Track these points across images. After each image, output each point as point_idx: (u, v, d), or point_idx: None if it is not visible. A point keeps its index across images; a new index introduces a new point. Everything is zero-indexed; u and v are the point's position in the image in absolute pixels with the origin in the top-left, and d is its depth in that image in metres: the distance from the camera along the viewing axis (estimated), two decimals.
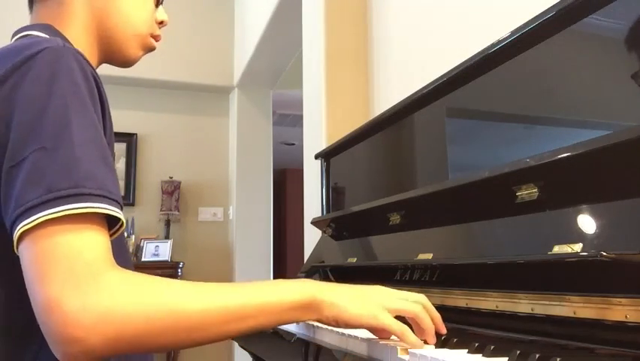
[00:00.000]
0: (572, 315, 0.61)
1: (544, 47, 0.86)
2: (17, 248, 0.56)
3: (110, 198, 0.58)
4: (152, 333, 0.55)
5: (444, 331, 0.70)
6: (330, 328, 0.75)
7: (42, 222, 0.54)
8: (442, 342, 0.70)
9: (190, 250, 4.22)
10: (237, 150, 4.26)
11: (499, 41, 0.92)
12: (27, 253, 0.55)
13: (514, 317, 0.70)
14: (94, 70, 0.67)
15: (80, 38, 0.79)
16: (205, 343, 0.60)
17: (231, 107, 4.49)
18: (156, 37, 0.88)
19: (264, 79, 4.20)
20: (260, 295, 0.62)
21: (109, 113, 0.70)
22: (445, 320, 0.82)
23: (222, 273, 4.19)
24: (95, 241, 0.56)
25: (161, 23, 0.89)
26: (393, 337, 0.70)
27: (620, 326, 0.56)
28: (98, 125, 0.63)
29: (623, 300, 0.55)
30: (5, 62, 0.63)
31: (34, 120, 0.58)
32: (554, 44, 0.84)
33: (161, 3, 0.90)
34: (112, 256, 0.58)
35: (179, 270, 3.90)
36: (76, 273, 0.53)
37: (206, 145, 4.44)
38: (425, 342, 0.68)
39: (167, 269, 3.83)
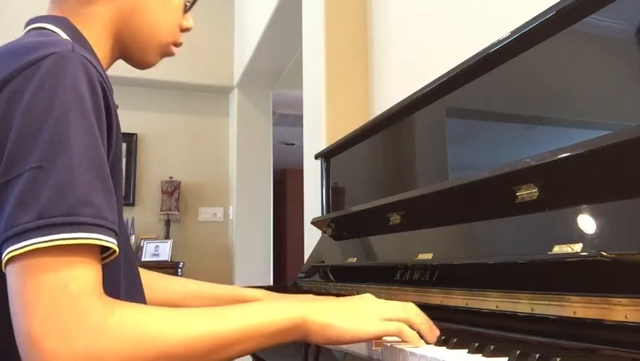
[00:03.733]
0: (572, 315, 0.61)
1: (544, 47, 0.86)
2: (5, 268, 0.54)
3: (104, 227, 0.56)
4: None
5: (437, 332, 0.71)
6: None
7: (31, 250, 0.52)
8: (442, 342, 0.70)
9: (190, 250, 4.22)
10: (237, 150, 4.26)
11: (499, 41, 0.92)
12: (13, 281, 0.53)
13: (514, 316, 0.70)
14: (103, 78, 0.64)
15: (98, 37, 0.75)
16: None
17: (231, 107, 4.49)
18: (177, 45, 0.84)
19: (264, 79, 4.20)
20: (246, 319, 0.61)
21: (117, 124, 0.66)
22: (445, 320, 0.82)
23: (222, 273, 4.18)
24: (84, 274, 0.54)
25: (185, 30, 0.85)
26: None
27: (620, 326, 0.56)
28: (100, 143, 0.60)
29: (623, 300, 0.55)
30: (11, 61, 0.59)
31: (33, 135, 0.55)
32: (554, 44, 0.84)
33: (189, 9, 0.85)
34: (100, 287, 0.56)
35: (179, 270, 3.90)
36: (59, 308, 0.52)
37: (206, 145, 4.45)
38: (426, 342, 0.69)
39: (167, 269, 3.82)
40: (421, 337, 0.69)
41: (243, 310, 0.63)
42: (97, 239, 0.55)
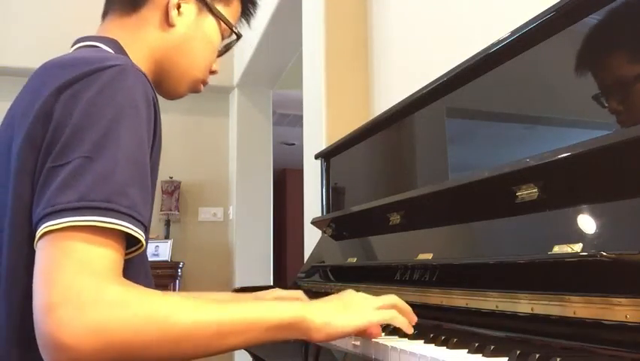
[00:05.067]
0: (572, 315, 0.61)
1: (544, 47, 0.86)
2: (36, 244, 0.58)
3: (136, 219, 0.60)
4: (141, 345, 0.56)
5: (415, 319, 0.76)
6: None
7: (66, 227, 0.56)
8: (442, 342, 0.70)
9: (190, 250, 4.22)
10: (237, 150, 4.26)
11: (499, 41, 0.92)
12: (42, 252, 0.57)
13: (514, 317, 0.70)
14: (155, 95, 0.70)
15: (140, 61, 0.80)
16: (196, 357, 0.61)
17: (231, 107, 4.49)
18: (205, 83, 0.91)
19: (264, 79, 4.19)
20: (250, 312, 0.64)
21: (160, 136, 0.72)
22: (445, 319, 0.82)
23: (222, 273, 4.18)
24: (109, 255, 0.58)
25: (212, 72, 0.91)
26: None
27: (620, 326, 0.56)
28: (146, 148, 0.65)
29: (623, 300, 0.55)
30: (74, 69, 0.65)
31: (86, 129, 0.61)
32: (554, 44, 0.84)
33: (223, 54, 0.93)
34: (120, 271, 0.60)
35: (179, 270, 3.90)
36: (81, 281, 0.55)
37: (206, 145, 4.44)
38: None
39: (167, 269, 3.82)
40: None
41: (248, 305, 0.67)
42: (127, 228, 0.59)
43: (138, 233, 0.60)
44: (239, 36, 0.93)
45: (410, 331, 0.73)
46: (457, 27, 1.56)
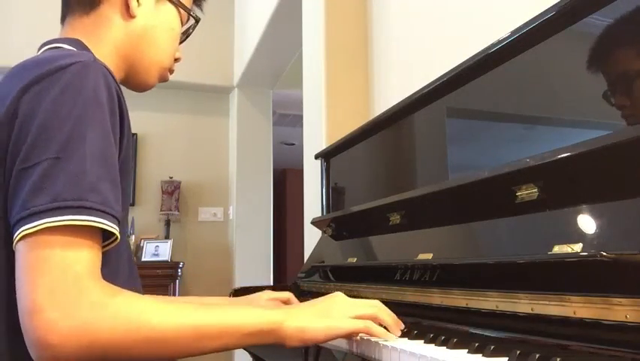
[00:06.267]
0: (572, 315, 0.61)
1: (544, 47, 0.86)
2: (15, 247, 0.59)
3: (109, 214, 0.62)
4: (124, 345, 0.59)
5: (402, 326, 0.78)
6: None
7: (43, 228, 0.58)
8: (442, 342, 0.70)
9: (190, 250, 4.22)
10: (237, 150, 4.26)
11: (499, 41, 0.92)
12: (23, 256, 0.58)
13: (514, 317, 0.70)
14: (118, 87, 0.71)
15: (107, 58, 0.81)
16: (178, 357, 0.64)
17: (231, 107, 4.49)
18: (171, 71, 0.93)
19: (264, 79, 4.20)
20: (229, 318, 0.67)
21: (128, 127, 0.73)
22: (444, 320, 0.82)
23: (222, 273, 4.18)
24: (88, 255, 0.60)
25: (176, 60, 0.93)
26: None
27: (620, 326, 0.56)
28: (112, 143, 0.66)
29: (623, 300, 0.55)
30: (39, 67, 0.66)
31: (53, 129, 0.62)
32: (554, 44, 0.84)
33: (184, 41, 0.95)
34: (99, 270, 0.62)
35: (179, 270, 3.89)
36: (64, 284, 0.57)
37: (206, 145, 4.44)
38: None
39: (167, 269, 3.82)
40: (388, 328, 0.76)
41: (228, 310, 0.69)
42: (102, 223, 0.61)
43: (112, 227, 0.62)
44: (197, 20, 0.95)
45: (388, 338, 0.74)
46: (457, 27, 1.56)
